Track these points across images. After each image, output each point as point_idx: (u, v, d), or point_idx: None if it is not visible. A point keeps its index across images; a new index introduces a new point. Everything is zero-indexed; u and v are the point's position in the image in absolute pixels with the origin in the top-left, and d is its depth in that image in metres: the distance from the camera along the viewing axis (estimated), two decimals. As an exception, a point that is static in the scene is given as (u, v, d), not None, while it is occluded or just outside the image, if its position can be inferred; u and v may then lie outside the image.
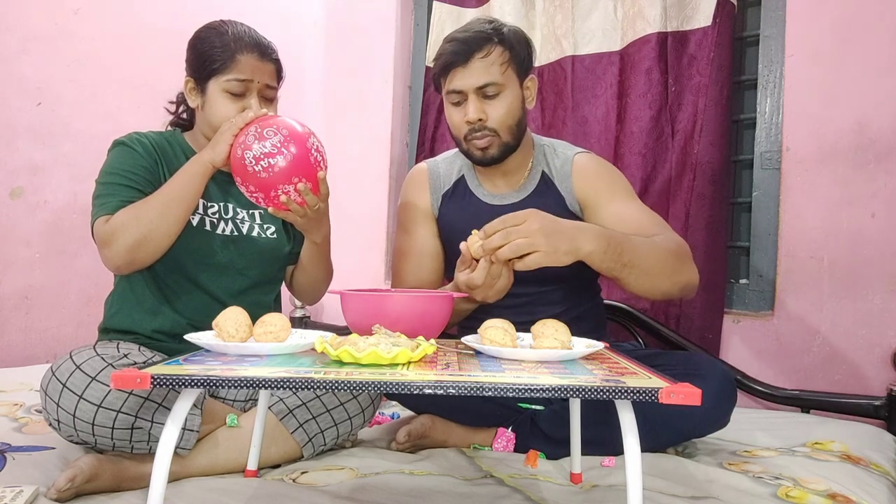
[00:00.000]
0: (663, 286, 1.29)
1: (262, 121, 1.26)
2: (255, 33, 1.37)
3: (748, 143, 2.00)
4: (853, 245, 1.78)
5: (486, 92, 1.40)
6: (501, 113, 1.41)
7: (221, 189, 1.40)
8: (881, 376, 1.72)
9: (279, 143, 1.24)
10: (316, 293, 1.54)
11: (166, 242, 1.25)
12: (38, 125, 2.34)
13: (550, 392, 0.73)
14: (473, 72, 1.39)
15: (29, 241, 2.34)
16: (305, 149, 1.27)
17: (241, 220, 1.40)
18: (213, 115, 1.33)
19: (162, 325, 1.32)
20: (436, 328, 1.04)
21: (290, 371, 0.77)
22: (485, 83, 1.39)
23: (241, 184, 1.28)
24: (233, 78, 1.31)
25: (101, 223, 1.24)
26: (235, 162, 1.26)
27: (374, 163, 2.51)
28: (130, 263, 1.24)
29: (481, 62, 1.39)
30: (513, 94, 1.42)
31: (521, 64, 1.44)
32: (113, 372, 0.75)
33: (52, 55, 2.35)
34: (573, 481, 1.19)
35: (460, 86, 1.40)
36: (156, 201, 1.24)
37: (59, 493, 1.01)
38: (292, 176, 1.24)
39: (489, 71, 1.39)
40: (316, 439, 1.26)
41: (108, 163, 1.32)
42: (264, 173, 1.24)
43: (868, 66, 1.77)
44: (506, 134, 1.42)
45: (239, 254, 1.38)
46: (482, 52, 1.39)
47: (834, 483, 1.17)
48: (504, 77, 1.40)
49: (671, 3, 1.96)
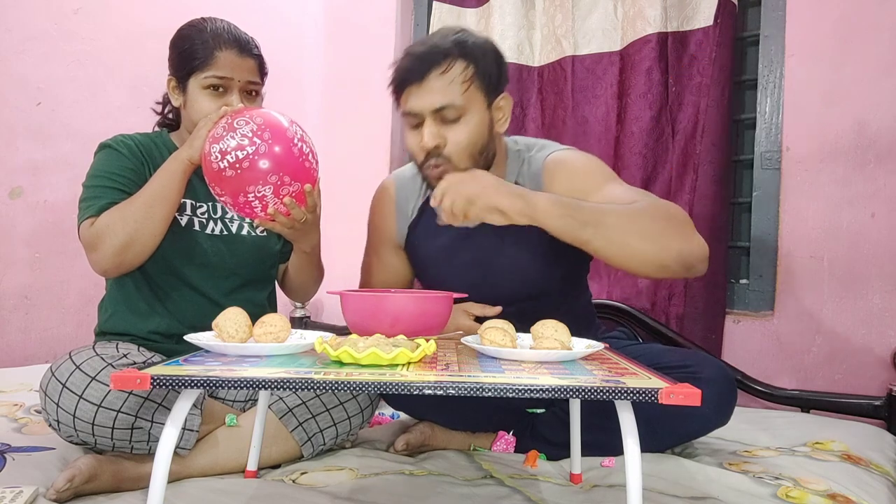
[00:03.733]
0: (648, 251, 1.10)
1: (235, 113, 1.20)
2: (235, 29, 1.34)
3: (748, 143, 2.00)
4: (853, 245, 1.78)
5: (445, 115, 1.22)
6: (461, 139, 1.23)
7: (208, 189, 1.40)
8: (881, 376, 1.72)
9: (250, 134, 1.12)
10: (306, 294, 1.54)
11: (153, 242, 1.24)
12: (38, 125, 2.34)
13: (550, 392, 0.73)
14: (429, 91, 1.22)
15: (29, 241, 2.34)
16: (286, 140, 1.14)
17: (229, 220, 1.40)
18: (194, 112, 1.31)
19: (157, 326, 1.32)
20: (436, 328, 1.04)
21: (290, 371, 0.77)
22: (441, 105, 1.22)
23: (209, 184, 1.19)
24: (211, 75, 1.29)
25: (87, 226, 1.24)
26: (203, 159, 1.18)
27: (374, 163, 2.51)
28: (118, 266, 1.24)
29: (439, 80, 1.22)
30: (477, 117, 1.25)
31: (488, 81, 1.25)
32: (112, 372, 0.74)
33: (52, 55, 2.35)
34: (573, 481, 1.19)
35: (416, 107, 1.24)
36: (139, 202, 1.23)
37: (58, 493, 1.01)
38: (269, 174, 1.12)
39: (447, 90, 1.22)
40: (315, 438, 1.26)
41: (94, 166, 1.32)
42: (230, 171, 1.12)
43: (868, 66, 1.77)
44: (464, 163, 1.24)
45: (229, 253, 1.37)
46: (440, 67, 1.21)
47: (834, 483, 1.17)
48: (465, 97, 1.22)
49: (671, 3, 1.96)
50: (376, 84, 2.52)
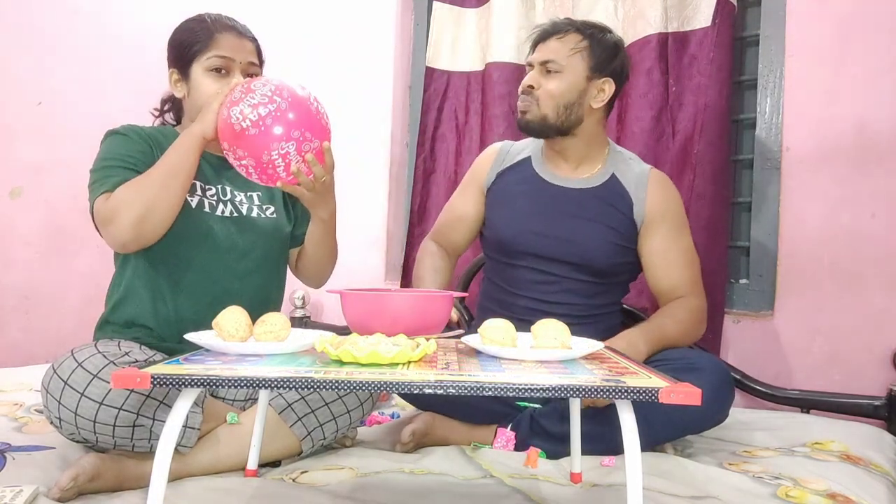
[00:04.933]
0: (686, 344, 1.51)
1: (248, 80, 1.24)
2: (231, 17, 1.38)
3: (748, 143, 2.00)
4: (853, 245, 1.78)
5: (548, 67, 1.52)
6: (551, 88, 1.52)
7: (217, 172, 1.39)
8: (881, 376, 1.72)
9: (269, 93, 1.16)
10: (322, 274, 1.52)
11: (170, 215, 1.23)
12: (38, 125, 2.34)
13: (550, 392, 0.73)
14: (545, 48, 1.54)
15: (29, 241, 2.34)
16: (303, 98, 1.18)
17: (239, 202, 1.39)
18: (199, 96, 1.31)
19: (167, 311, 1.31)
20: (436, 328, 1.04)
21: (290, 371, 0.77)
22: (546, 59, 1.52)
23: (230, 150, 1.20)
24: (213, 55, 1.31)
25: (102, 201, 1.22)
26: (222, 125, 1.19)
27: (374, 163, 2.51)
28: (137, 239, 1.22)
29: (554, 42, 1.53)
30: (573, 78, 1.52)
31: (596, 59, 1.53)
32: (113, 371, 0.75)
33: (52, 55, 2.35)
34: (573, 481, 1.19)
35: (532, 59, 1.56)
36: (155, 175, 1.22)
37: (61, 491, 1.01)
38: (291, 129, 1.15)
39: (556, 50, 1.52)
40: (315, 433, 1.26)
41: (103, 150, 1.31)
42: (254, 129, 1.14)
43: (868, 66, 1.77)
44: (547, 107, 1.52)
45: (240, 234, 1.36)
46: (560, 34, 1.54)
47: (834, 483, 1.17)
48: (569, 60, 1.51)
49: (671, 3, 1.96)
50: (376, 84, 2.54)
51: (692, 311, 1.50)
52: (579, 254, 1.52)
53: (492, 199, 1.66)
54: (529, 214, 1.57)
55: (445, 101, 2.33)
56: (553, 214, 1.56)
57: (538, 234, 1.54)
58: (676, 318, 1.47)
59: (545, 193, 1.58)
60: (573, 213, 1.55)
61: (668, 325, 1.45)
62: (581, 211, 1.55)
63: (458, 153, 2.30)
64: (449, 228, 1.71)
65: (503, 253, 1.60)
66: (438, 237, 1.73)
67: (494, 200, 1.66)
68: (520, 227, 1.56)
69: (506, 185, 1.65)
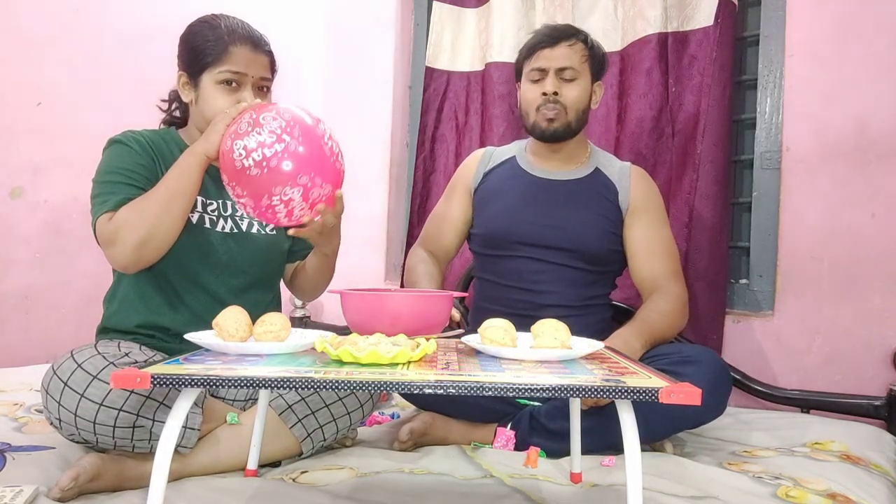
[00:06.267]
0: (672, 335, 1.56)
1: (259, 108, 1.15)
2: (248, 26, 1.35)
3: (748, 143, 2.00)
4: (853, 245, 1.78)
5: (564, 75, 1.58)
6: (574, 94, 1.59)
7: (218, 187, 1.39)
8: (881, 376, 1.72)
9: (279, 130, 1.06)
10: (315, 293, 1.54)
11: (171, 237, 1.23)
12: (38, 125, 2.34)
13: (550, 392, 0.73)
14: (558, 54, 1.58)
15: (29, 241, 2.34)
16: (316, 138, 1.08)
17: (239, 218, 1.39)
18: (207, 108, 1.31)
19: (163, 323, 1.31)
20: (436, 328, 1.04)
21: (290, 371, 0.77)
22: (564, 66, 1.57)
23: (229, 184, 1.14)
24: (226, 70, 1.29)
25: (104, 221, 1.22)
26: (224, 156, 1.13)
27: (374, 163, 2.51)
28: (138, 262, 1.22)
29: (567, 48, 1.58)
30: (585, 84, 1.61)
31: (597, 66, 1.63)
32: (113, 371, 0.75)
33: (52, 55, 2.35)
34: (573, 481, 1.19)
35: (544, 64, 1.58)
36: (157, 196, 1.21)
37: (62, 491, 1.01)
38: (298, 175, 1.06)
39: (571, 56, 1.58)
40: (315, 435, 1.26)
41: (106, 161, 1.30)
42: (256, 169, 1.05)
43: (868, 66, 1.77)
44: (572, 113, 1.59)
45: (239, 251, 1.37)
46: (569, 40, 1.59)
47: (834, 483, 1.17)
48: (581, 67, 1.59)
49: (671, 3, 1.96)
50: (376, 84, 2.54)
51: (674, 300, 1.54)
52: (573, 240, 1.57)
53: (480, 198, 1.70)
54: (522, 206, 1.62)
55: (445, 101, 2.33)
56: (545, 204, 1.61)
57: (531, 224, 1.59)
58: (661, 311, 1.51)
59: (535, 186, 1.64)
60: (563, 202, 1.61)
61: (656, 320, 1.48)
62: (571, 200, 1.61)
63: (458, 153, 2.30)
64: (438, 233, 1.74)
65: (496, 246, 1.63)
66: (427, 244, 1.75)
67: (483, 198, 1.70)
68: (513, 218, 1.61)
69: (494, 182, 1.70)
